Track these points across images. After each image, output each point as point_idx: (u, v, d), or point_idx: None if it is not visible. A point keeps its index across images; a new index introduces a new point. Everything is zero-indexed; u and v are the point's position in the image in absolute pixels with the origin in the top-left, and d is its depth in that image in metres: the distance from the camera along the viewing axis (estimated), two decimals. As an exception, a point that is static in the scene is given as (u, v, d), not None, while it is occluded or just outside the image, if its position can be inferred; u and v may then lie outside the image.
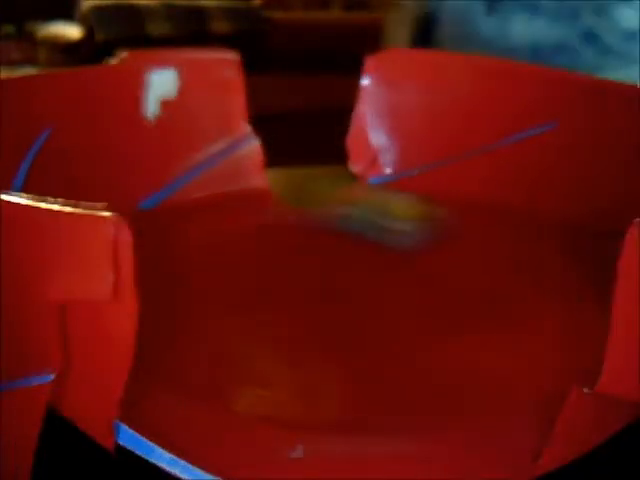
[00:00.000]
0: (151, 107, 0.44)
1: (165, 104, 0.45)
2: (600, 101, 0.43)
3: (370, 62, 0.48)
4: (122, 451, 0.25)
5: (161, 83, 0.44)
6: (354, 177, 0.49)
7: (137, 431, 0.24)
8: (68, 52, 1.42)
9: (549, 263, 0.40)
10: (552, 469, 0.24)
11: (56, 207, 0.22)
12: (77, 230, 0.22)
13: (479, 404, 0.29)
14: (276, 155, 0.49)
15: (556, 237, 0.41)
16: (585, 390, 0.23)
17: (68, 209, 0.22)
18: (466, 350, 0.32)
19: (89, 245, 0.22)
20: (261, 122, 0.48)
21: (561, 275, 0.38)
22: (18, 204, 0.23)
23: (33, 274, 0.23)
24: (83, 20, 1.46)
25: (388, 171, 0.48)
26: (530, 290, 0.37)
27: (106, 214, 0.22)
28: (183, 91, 0.45)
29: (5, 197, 0.23)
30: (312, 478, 0.25)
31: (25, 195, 0.23)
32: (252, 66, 0.51)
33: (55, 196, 0.23)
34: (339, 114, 0.49)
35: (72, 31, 1.49)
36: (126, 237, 0.21)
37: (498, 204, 0.45)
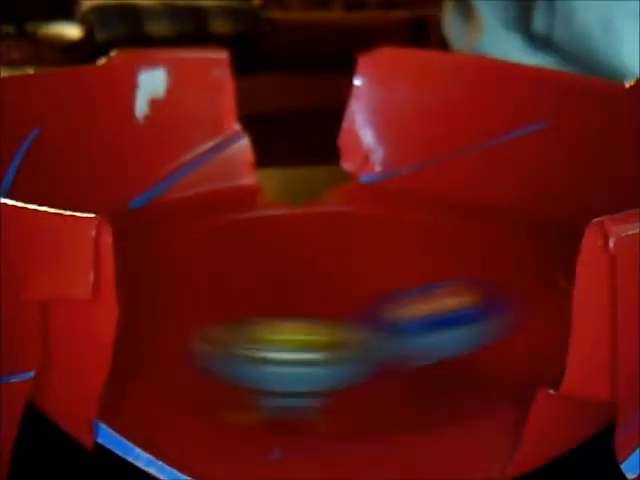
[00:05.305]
0: (140, 106, 0.44)
1: (154, 103, 0.45)
2: (591, 100, 0.43)
3: (362, 61, 0.48)
4: (101, 450, 0.25)
5: (150, 82, 0.45)
6: (349, 177, 0.49)
7: (116, 430, 0.24)
8: (68, 52, 1.42)
9: (538, 262, 0.40)
10: (524, 472, 0.24)
11: (38, 207, 0.22)
12: (59, 230, 0.22)
13: (456, 405, 0.29)
14: (274, 155, 0.49)
15: (546, 236, 0.41)
16: (551, 392, 0.23)
17: (50, 210, 0.22)
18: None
19: (70, 245, 0.22)
20: (260, 122, 0.48)
21: (551, 274, 0.38)
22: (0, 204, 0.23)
23: (14, 273, 0.23)
24: (83, 20, 1.46)
25: (379, 169, 0.48)
26: (519, 290, 0.37)
27: (87, 215, 0.22)
28: (172, 90, 0.45)
29: None
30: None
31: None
32: (252, 66, 0.51)
33: (45, 195, 0.23)
34: (338, 114, 0.49)
35: (72, 31, 1.49)
36: (107, 238, 0.22)
37: (489, 203, 0.45)
